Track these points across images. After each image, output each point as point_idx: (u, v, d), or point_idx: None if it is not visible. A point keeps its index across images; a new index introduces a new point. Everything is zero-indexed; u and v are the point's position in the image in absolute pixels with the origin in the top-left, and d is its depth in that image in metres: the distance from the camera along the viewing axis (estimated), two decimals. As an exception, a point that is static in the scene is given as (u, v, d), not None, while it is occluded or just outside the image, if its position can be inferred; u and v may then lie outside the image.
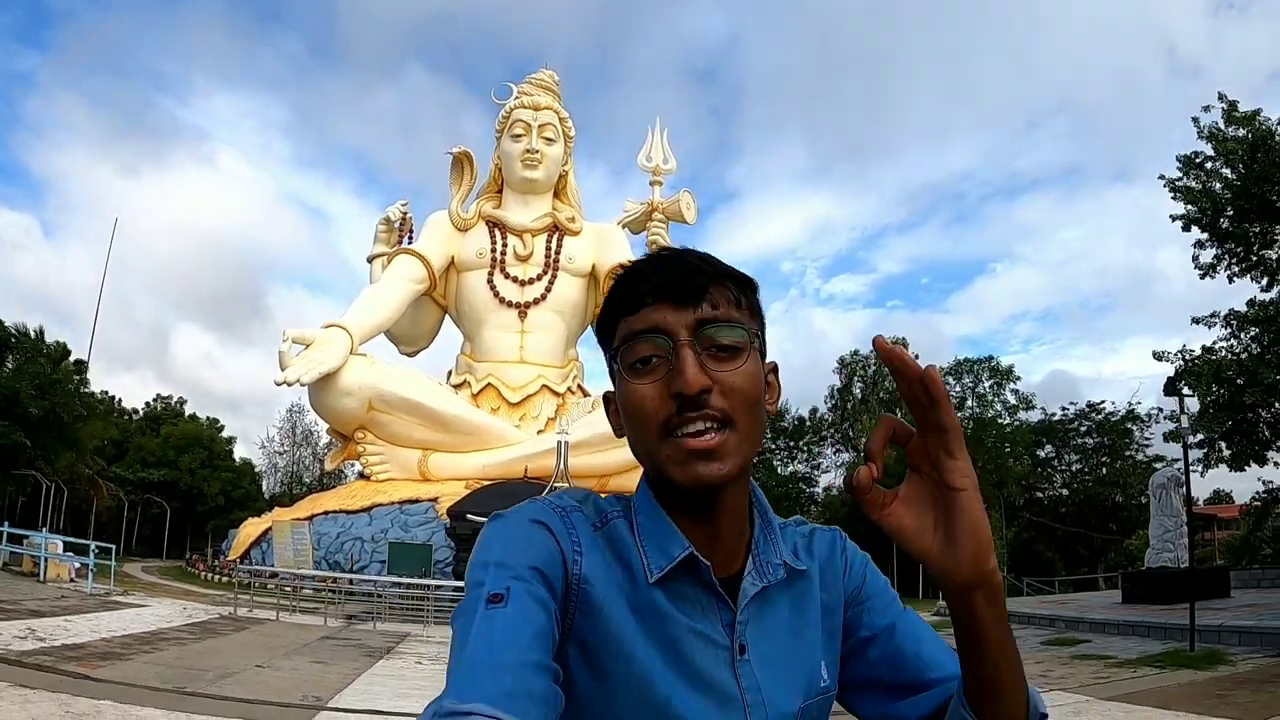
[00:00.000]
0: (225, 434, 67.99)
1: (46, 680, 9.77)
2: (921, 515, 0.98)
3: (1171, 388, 17.95)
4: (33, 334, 41.06)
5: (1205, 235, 21.09)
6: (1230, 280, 21.26)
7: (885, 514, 0.98)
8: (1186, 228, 21.18)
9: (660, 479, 1.11)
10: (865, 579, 1.26)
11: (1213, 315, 21.15)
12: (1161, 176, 21.48)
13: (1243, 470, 21.42)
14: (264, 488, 71.84)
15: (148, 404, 67.59)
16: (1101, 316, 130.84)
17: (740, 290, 1.13)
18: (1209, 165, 20.64)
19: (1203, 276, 21.38)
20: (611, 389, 1.17)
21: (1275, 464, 21.46)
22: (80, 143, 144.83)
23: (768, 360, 1.15)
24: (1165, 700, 11.30)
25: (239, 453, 70.20)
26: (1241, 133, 19.86)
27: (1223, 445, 20.85)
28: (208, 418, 67.89)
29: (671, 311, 1.08)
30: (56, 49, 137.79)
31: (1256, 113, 19.90)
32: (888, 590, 1.27)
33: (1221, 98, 20.44)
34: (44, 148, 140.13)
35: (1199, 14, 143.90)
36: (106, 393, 60.40)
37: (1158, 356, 21.60)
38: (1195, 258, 21.55)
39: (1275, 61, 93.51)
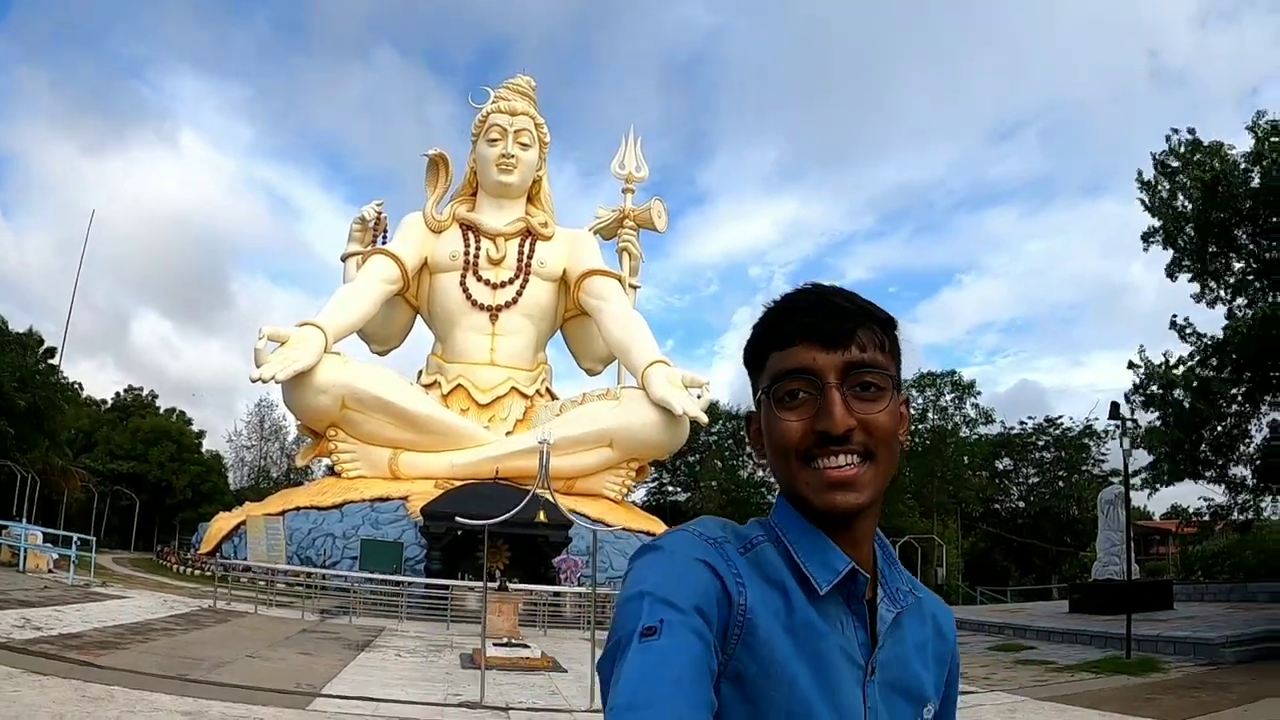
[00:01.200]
0: (194, 428, 67.94)
1: (55, 667, 10.35)
2: None
3: (1115, 412, 18.87)
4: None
5: (1166, 249, 21.78)
6: (1196, 300, 22.01)
7: None
8: (1146, 246, 21.97)
9: (797, 501, 1.16)
10: (956, 669, 1.34)
11: (1183, 331, 21.75)
12: (1139, 172, 22.09)
13: (1178, 483, 22.29)
14: (230, 481, 71.58)
15: (117, 395, 67.30)
16: (1069, 328, 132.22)
17: (884, 331, 1.17)
18: (1178, 178, 21.24)
19: (1170, 278, 21.94)
20: (753, 410, 1.23)
21: (1209, 481, 22.28)
22: (41, 120, 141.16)
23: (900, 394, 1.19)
24: (1096, 702, 12.22)
25: (205, 445, 70.05)
26: (1199, 157, 20.56)
27: (1165, 466, 21.56)
28: (177, 411, 67.78)
29: (821, 353, 1.12)
30: (16, 23, 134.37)
31: (1220, 145, 20.52)
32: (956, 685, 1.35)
33: (1191, 132, 20.99)
34: (3, 125, 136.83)
35: (1186, 23, 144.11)
36: (67, 377, 60.22)
37: (1132, 366, 21.97)
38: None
39: (1265, 68, 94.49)
